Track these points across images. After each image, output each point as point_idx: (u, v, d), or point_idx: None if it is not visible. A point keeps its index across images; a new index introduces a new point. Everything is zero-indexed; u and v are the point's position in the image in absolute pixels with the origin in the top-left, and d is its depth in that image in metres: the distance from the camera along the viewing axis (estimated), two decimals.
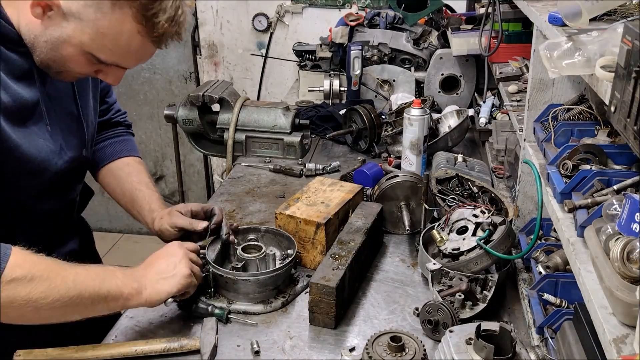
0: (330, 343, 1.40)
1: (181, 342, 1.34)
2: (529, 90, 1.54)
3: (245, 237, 1.64)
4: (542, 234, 1.52)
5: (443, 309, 1.36)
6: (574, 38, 1.06)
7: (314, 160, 2.31)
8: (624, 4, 1.20)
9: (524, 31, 2.18)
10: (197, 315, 1.45)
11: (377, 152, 2.33)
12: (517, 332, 1.37)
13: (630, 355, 0.81)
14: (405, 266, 1.69)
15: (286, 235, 1.61)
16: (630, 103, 0.79)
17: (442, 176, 1.84)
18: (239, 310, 1.48)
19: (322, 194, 1.76)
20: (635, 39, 0.79)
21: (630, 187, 1.12)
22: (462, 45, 2.53)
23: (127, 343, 1.35)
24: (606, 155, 1.25)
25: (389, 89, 2.75)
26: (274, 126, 2.30)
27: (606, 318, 0.89)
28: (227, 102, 2.33)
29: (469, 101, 2.71)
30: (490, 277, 1.46)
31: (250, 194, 2.10)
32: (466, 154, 2.20)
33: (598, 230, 0.99)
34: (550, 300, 1.32)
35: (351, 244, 1.56)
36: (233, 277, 1.47)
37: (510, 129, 2.01)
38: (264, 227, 1.66)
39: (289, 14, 3.61)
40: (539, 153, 1.45)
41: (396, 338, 1.23)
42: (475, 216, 1.57)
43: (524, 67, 2.05)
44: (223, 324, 1.43)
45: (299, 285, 1.56)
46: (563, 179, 1.24)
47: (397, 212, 1.81)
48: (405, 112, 2.08)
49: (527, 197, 1.64)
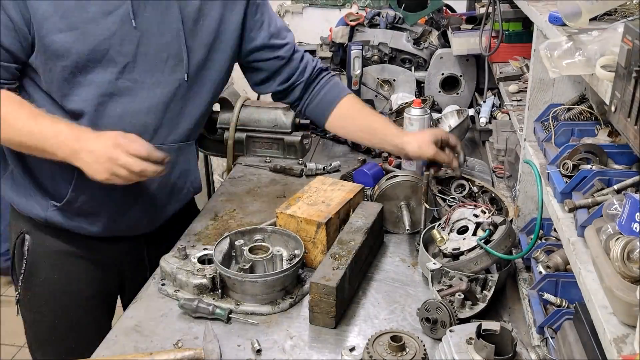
0: (331, 343, 1.40)
1: (184, 354, 1.32)
2: (530, 90, 1.54)
3: (252, 237, 1.62)
4: (543, 234, 1.52)
5: (442, 307, 1.36)
6: (575, 38, 1.06)
7: (315, 160, 2.31)
8: (624, 4, 1.20)
9: (524, 31, 2.17)
10: (199, 316, 1.45)
11: (377, 151, 2.33)
12: (518, 331, 1.37)
13: (631, 355, 0.81)
14: (405, 266, 1.69)
15: (293, 236, 1.61)
16: (631, 103, 0.79)
17: (442, 176, 1.84)
18: (247, 311, 1.47)
19: (322, 193, 1.76)
20: (635, 39, 0.79)
21: (630, 187, 1.12)
22: (463, 45, 2.53)
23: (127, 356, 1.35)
24: (606, 155, 1.25)
25: (389, 88, 2.75)
26: (275, 126, 2.31)
27: (606, 318, 0.89)
28: (227, 102, 2.33)
29: (469, 101, 2.71)
30: (490, 277, 1.46)
31: (250, 193, 2.09)
32: (466, 153, 2.20)
33: (598, 230, 0.99)
34: (551, 300, 1.32)
35: (351, 243, 1.56)
36: (241, 278, 1.46)
37: (510, 128, 2.01)
38: (270, 227, 1.66)
39: (289, 14, 3.61)
40: (539, 153, 1.45)
41: (397, 338, 1.23)
42: (475, 216, 1.57)
43: (524, 67, 2.05)
44: (224, 324, 1.43)
45: (306, 286, 1.55)
46: (563, 179, 1.24)
47: (398, 211, 1.81)
48: (406, 112, 2.08)
49: (527, 196, 1.64)
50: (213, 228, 1.86)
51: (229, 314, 1.44)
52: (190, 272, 1.52)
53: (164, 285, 1.55)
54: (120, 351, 1.36)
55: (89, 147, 1.39)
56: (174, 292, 1.52)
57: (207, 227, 1.87)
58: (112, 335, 1.41)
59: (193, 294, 1.50)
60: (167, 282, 1.56)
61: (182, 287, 1.52)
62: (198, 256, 1.57)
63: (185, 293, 1.51)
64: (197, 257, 1.56)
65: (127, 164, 1.38)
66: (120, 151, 1.38)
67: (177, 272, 1.53)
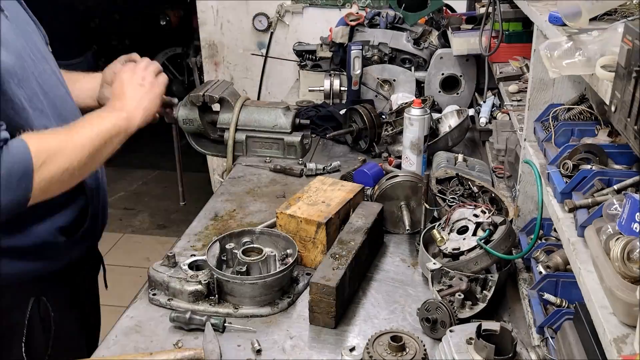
0: (331, 343, 1.40)
1: (184, 354, 1.31)
2: (530, 90, 1.54)
3: (240, 240, 1.61)
4: (543, 234, 1.52)
5: (442, 307, 1.36)
6: (575, 38, 1.06)
7: (315, 160, 2.31)
8: (624, 4, 1.20)
9: (525, 31, 2.17)
10: (194, 328, 1.41)
11: (377, 151, 2.33)
12: (518, 331, 1.37)
13: (631, 355, 0.81)
14: (405, 266, 1.69)
15: (283, 236, 1.61)
16: (631, 103, 0.79)
17: (442, 176, 1.84)
18: (246, 314, 1.46)
19: (323, 193, 1.76)
20: (635, 39, 0.79)
21: (630, 187, 1.12)
22: (463, 45, 2.53)
23: (127, 355, 1.34)
24: (606, 155, 1.25)
25: (389, 88, 2.75)
26: (275, 126, 2.30)
27: (606, 318, 0.89)
28: (227, 102, 2.32)
29: (469, 101, 2.71)
30: (490, 277, 1.46)
31: (250, 193, 2.10)
32: (466, 153, 2.20)
33: (598, 230, 0.99)
34: (551, 300, 1.32)
35: (351, 243, 1.56)
36: (240, 281, 1.45)
37: (510, 128, 2.01)
38: (258, 229, 1.66)
39: (289, 14, 3.61)
40: (539, 153, 1.45)
41: (397, 338, 1.23)
42: (475, 216, 1.57)
43: (524, 67, 2.05)
44: (220, 333, 1.41)
45: (300, 285, 1.56)
46: (563, 179, 1.24)
47: (398, 211, 1.81)
48: (406, 112, 2.08)
49: (527, 196, 1.64)
50: (213, 228, 1.86)
51: (223, 323, 1.41)
52: (183, 279, 1.49)
53: (155, 295, 1.51)
54: (120, 351, 1.36)
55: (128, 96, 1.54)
56: (167, 301, 1.49)
57: (207, 227, 1.87)
58: (112, 335, 1.41)
59: (188, 302, 1.47)
60: (159, 291, 1.52)
61: (175, 295, 1.49)
62: (188, 263, 1.54)
63: (179, 301, 1.48)
64: (187, 264, 1.54)
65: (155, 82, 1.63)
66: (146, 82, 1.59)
67: (170, 281, 1.50)
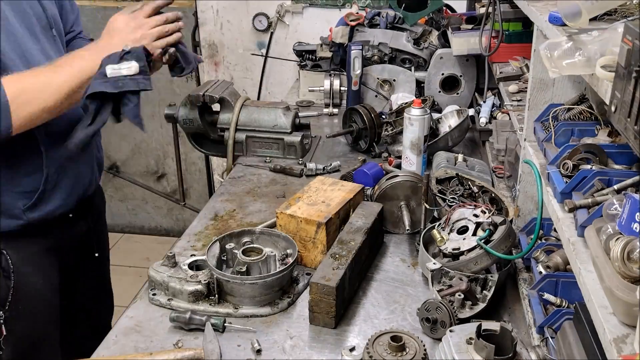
0: (331, 343, 1.40)
1: (184, 354, 1.31)
2: (530, 90, 1.54)
3: (240, 240, 1.61)
4: (543, 234, 1.52)
5: (442, 307, 1.36)
6: (575, 38, 1.06)
7: (315, 160, 2.31)
8: (624, 4, 1.20)
9: (525, 31, 2.17)
10: (194, 328, 1.42)
11: (377, 151, 2.33)
12: (518, 331, 1.37)
13: (631, 355, 0.81)
14: (405, 266, 1.69)
15: (283, 236, 1.61)
16: (631, 103, 0.79)
17: (442, 176, 1.84)
18: (246, 314, 1.47)
19: (323, 193, 1.76)
20: (635, 39, 0.79)
21: (630, 187, 1.12)
22: (463, 45, 2.53)
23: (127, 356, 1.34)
24: (606, 155, 1.25)
25: (389, 88, 2.75)
26: (275, 126, 2.30)
27: (606, 318, 0.89)
28: (227, 102, 2.33)
29: (469, 101, 2.71)
30: (490, 277, 1.46)
31: (250, 193, 2.10)
32: (466, 153, 2.20)
33: (598, 230, 0.99)
34: (551, 300, 1.32)
35: (351, 243, 1.56)
36: (240, 281, 1.46)
37: (510, 128, 2.01)
38: (258, 229, 1.66)
39: (289, 14, 3.61)
40: (539, 153, 1.45)
41: (397, 338, 1.23)
42: (475, 216, 1.57)
43: (524, 67, 2.05)
44: (220, 333, 1.41)
45: (300, 284, 1.56)
46: (563, 179, 1.24)
47: (398, 211, 1.81)
48: (406, 112, 2.08)
49: (527, 196, 1.64)
50: (213, 228, 1.86)
51: (223, 322, 1.42)
52: (183, 279, 1.50)
53: (155, 295, 1.52)
54: (120, 351, 1.36)
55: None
56: (167, 301, 1.50)
57: (207, 227, 1.87)
58: (112, 335, 1.41)
59: (188, 302, 1.48)
60: (159, 291, 1.52)
61: (175, 295, 1.50)
62: (188, 263, 1.55)
63: (179, 301, 1.49)
64: (187, 264, 1.54)
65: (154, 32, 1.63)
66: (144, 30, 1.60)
67: (170, 281, 1.50)
